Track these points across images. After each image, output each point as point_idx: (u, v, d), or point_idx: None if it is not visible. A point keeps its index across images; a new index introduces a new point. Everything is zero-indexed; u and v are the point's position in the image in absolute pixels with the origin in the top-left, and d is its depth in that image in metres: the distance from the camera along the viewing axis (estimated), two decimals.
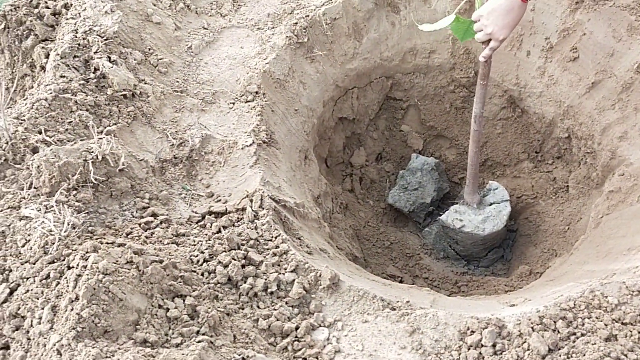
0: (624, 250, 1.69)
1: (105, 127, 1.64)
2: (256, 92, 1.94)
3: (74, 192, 1.44)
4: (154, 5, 1.98)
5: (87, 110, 1.63)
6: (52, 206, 1.38)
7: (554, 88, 2.24)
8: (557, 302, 1.38)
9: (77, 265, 1.23)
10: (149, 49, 1.89)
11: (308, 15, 2.14)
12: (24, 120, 1.55)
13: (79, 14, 1.81)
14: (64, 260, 1.27)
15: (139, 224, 1.45)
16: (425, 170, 2.48)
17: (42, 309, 1.18)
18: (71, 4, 1.87)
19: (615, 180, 2.00)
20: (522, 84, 2.33)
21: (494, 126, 2.49)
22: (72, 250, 1.30)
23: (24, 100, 1.64)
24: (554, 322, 1.33)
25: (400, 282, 2.23)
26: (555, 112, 2.28)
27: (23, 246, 1.30)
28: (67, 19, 1.81)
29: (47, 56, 1.76)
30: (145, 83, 1.80)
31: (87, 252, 1.26)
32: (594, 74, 2.12)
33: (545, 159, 2.43)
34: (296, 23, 2.12)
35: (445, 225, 2.27)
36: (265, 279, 1.41)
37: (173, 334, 1.19)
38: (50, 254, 1.28)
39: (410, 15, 2.28)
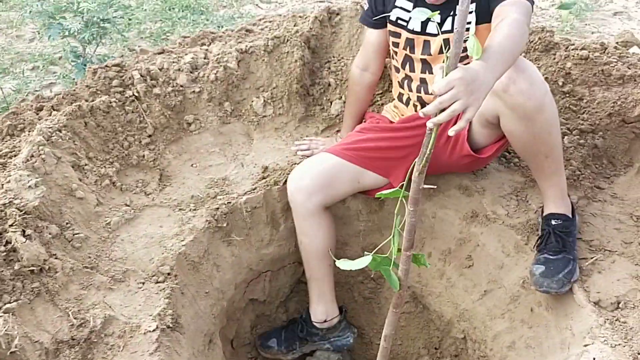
0: None
1: (5, 304, 1.61)
2: (168, 274, 1.98)
3: None
4: (80, 180, 2.05)
5: None
6: None
7: (451, 290, 2.41)
8: None
9: None
10: (67, 223, 1.93)
11: (230, 202, 2.26)
12: None
13: (2, 185, 1.85)
14: None
15: None
16: None
17: None
18: None
19: None
20: (423, 282, 2.49)
21: (397, 319, 2.59)
22: None
23: None
24: None
25: None
26: (452, 313, 2.42)
27: None
28: None
29: None
30: (55, 258, 1.81)
31: None
32: (486, 282, 2.31)
33: (444, 355, 2.53)
34: (218, 208, 2.23)
35: None
36: None
37: None
38: None
39: None
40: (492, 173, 2.43)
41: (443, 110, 1.40)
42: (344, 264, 1.63)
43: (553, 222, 2.05)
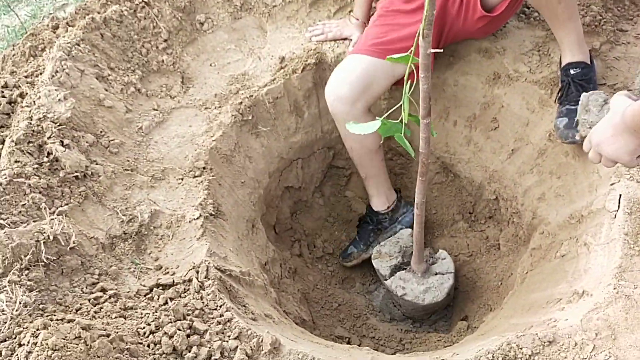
0: (543, 304, 1.85)
1: (57, 208, 1.74)
2: (204, 168, 2.08)
3: (26, 271, 1.53)
4: (106, 90, 2.12)
5: (40, 192, 1.73)
6: (5, 286, 1.46)
7: (479, 155, 2.45)
8: (477, 355, 1.52)
9: (28, 342, 1.31)
10: (101, 132, 2.02)
11: (252, 95, 2.31)
12: None
13: (34, 102, 1.93)
14: (15, 338, 1.35)
15: (88, 300, 1.53)
16: None
17: None
18: (26, 93, 2.00)
19: (537, 238, 2.18)
20: (451, 151, 2.54)
21: (430, 190, 2.67)
22: (23, 328, 1.38)
23: None
24: None
25: (348, 342, 2.34)
26: (482, 177, 2.48)
27: None
28: (23, 107, 1.94)
29: (3, 142, 1.87)
30: (96, 164, 1.92)
31: (37, 330, 1.34)
32: (513, 141, 2.34)
33: (478, 219, 2.62)
34: (241, 102, 2.28)
35: (389, 290, 2.40)
36: (210, 347, 1.51)
37: None
38: (2, 332, 1.35)
39: None
40: (511, 31, 2.39)
41: None
42: (354, 128, 1.68)
43: (572, 72, 2.03)
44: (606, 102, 1.44)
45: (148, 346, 1.45)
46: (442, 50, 1.67)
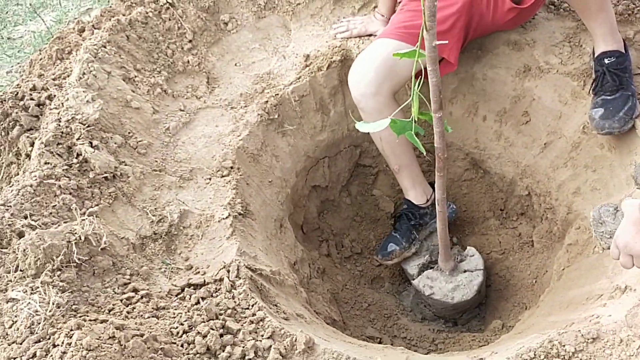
0: (583, 300, 1.79)
1: (87, 209, 1.74)
2: (231, 167, 2.07)
3: (59, 272, 1.52)
4: (133, 92, 2.12)
5: (70, 193, 1.73)
6: (38, 287, 1.45)
7: (510, 150, 2.40)
8: (518, 353, 1.47)
9: (62, 342, 1.30)
10: (129, 133, 2.02)
11: (277, 94, 2.29)
12: (10, 206, 1.65)
13: (62, 104, 1.94)
14: (49, 339, 1.34)
15: (121, 300, 1.52)
16: None
17: None
18: (54, 95, 2.00)
19: (573, 234, 2.13)
20: (481, 146, 2.49)
21: (459, 187, 2.63)
22: (57, 328, 1.37)
23: (10, 187, 1.74)
24: None
25: (380, 342, 2.30)
26: (514, 172, 2.43)
27: (10, 327, 1.37)
28: (51, 109, 1.94)
29: (32, 144, 1.87)
30: (125, 165, 1.92)
31: (71, 330, 1.33)
32: (546, 135, 2.28)
33: (510, 215, 2.56)
34: (267, 101, 2.27)
35: (417, 289, 2.36)
36: (243, 347, 1.48)
37: None
38: (37, 333, 1.35)
39: None
40: (541, 23, 2.34)
41: None
42: (364, 127, 1.64)
43: (606, 61, 1.97)
44: (617, 210, 1.45)
45: (182, 346, 1.44)
46: (447, 42, 1.61)
